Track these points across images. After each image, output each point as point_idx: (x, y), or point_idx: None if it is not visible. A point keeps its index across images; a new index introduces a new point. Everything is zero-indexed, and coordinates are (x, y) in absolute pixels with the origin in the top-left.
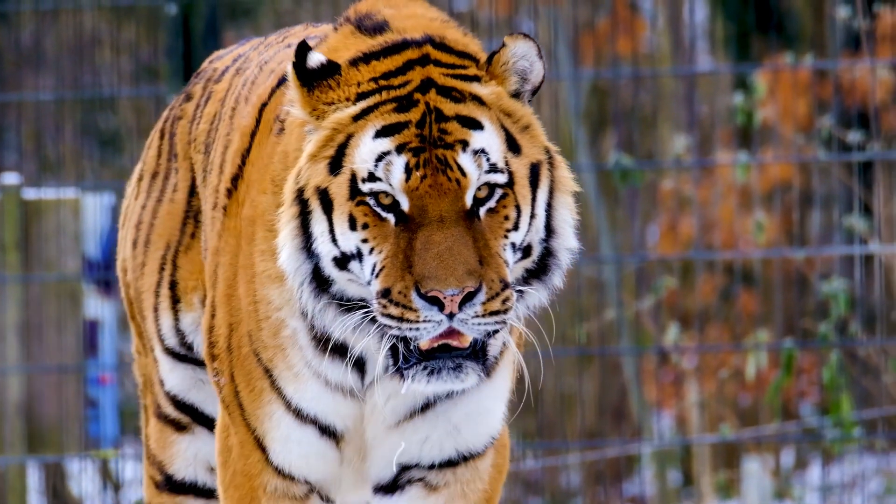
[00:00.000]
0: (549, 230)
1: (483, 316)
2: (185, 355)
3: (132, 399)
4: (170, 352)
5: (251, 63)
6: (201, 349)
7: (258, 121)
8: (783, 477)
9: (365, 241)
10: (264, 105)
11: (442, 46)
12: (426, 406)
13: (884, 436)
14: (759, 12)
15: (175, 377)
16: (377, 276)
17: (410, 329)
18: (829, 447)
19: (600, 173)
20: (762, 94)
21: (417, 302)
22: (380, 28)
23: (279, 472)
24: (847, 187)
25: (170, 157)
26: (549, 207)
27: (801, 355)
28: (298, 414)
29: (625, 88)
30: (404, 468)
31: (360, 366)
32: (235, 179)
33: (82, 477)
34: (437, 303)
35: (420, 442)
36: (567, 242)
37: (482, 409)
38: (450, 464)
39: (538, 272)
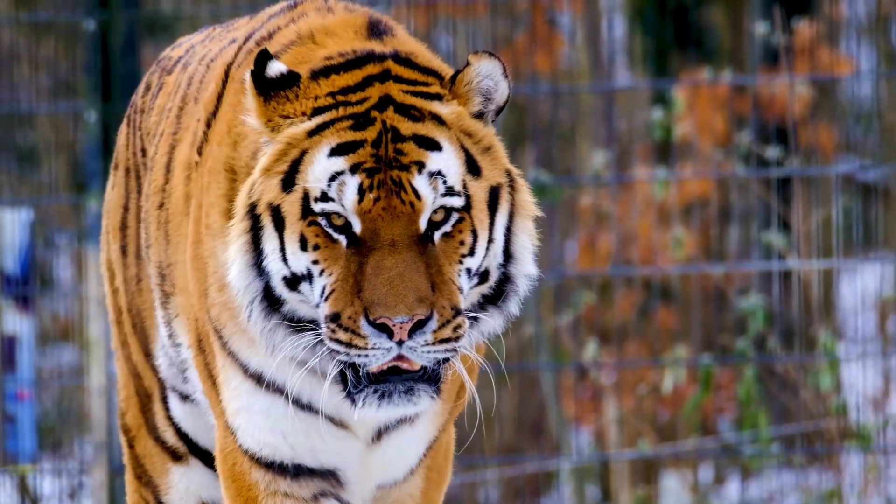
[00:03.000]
0: (508, 255)
1: (433, 344)
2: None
3: (50, 415)
4: None
5: (195, 58)
6: None
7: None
8: (701, 492)
9: (315, 262)
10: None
11: (406, 62)
12: (377, 437)
13: (802, 451)
14: (677, 27)
15: (184, 405)
16: (326, 300)
17: (359, 356)
18: (747, 463)
19: None
20: (680, 109)
21: (366, 329)
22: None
23: (254, 459)
24: (765, 203)
25: (136, 151)
26: (509, 232)
27: (719, 371)
28: (259, 380)
29: (543, 104)
30: None
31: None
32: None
33: (0, 493)
34: (386, 330)
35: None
36: (526, 268)
37: (406, 454)
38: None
39: (495, 298)
